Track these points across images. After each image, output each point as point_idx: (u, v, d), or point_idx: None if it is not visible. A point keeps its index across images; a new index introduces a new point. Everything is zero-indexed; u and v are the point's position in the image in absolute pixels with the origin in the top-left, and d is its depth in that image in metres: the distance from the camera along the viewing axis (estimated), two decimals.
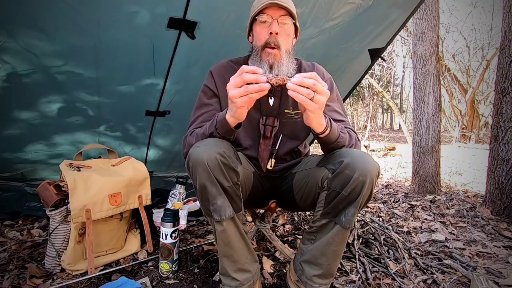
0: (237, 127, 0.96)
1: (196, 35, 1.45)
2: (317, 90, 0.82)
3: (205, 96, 1.17)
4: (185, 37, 1.46)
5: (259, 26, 1.08)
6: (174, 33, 1.44)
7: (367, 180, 0.90)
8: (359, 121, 16.49)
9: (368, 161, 0.92)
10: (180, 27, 1.40)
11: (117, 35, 1.39)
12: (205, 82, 1.20)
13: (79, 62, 1.46)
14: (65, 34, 1.32)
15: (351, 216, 0.94)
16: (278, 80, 0.83)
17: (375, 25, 1.93)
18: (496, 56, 7.30)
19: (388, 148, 8.10)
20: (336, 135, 0.99)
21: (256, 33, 1.10)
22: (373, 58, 2.20)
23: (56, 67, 1.45)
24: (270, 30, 1.04)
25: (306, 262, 1.05)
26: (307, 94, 0.81)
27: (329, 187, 0.97)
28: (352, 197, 0.92)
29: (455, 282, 1.33)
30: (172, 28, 1.40)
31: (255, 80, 0.81)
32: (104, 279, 1.22)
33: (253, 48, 1.14)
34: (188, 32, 1.42)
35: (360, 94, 15.74)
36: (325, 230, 1.01)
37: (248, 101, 0.84)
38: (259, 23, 1.07)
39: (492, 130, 2.40)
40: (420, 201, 2.71)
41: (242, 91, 0.82)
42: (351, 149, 1.01)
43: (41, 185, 1.26)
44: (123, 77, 1.63)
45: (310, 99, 0.82)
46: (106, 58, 1.47)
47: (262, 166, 1.19)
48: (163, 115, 1.90)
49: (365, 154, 0.96)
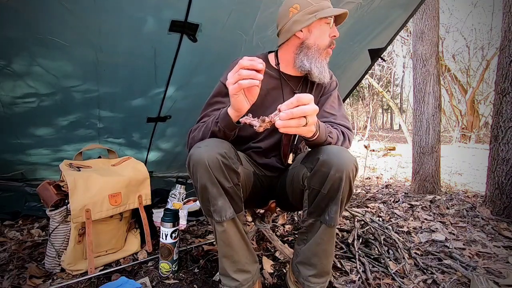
0: (238, 123, 0.95)
1: (198, 38, 1.45)
2: (307, 114, 0.77)
3: (219, 94, 1.14)
4: (186, 41, 1.45)
5: (325, 26, 1.11)
6: (175, 37, 1.43)
7: (344, 176, 0.89)
8: (359, 121, 16.49)
9: (344, 156, 0.91)
10: (182, 30, 1.40)
11: (118, 42, 1.38)
12: (222, 78, 1.16)
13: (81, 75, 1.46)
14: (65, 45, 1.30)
15: (334, 213, 0.94)
16: (266, 124, 0.80)
17: (375, 25, 1.93)
18: (496, 56, 7.30)
19: (388, 148, 8.11)
20: (323, 139, 0.97)
21: (321, 33, 1.11)
22: (373, 58, 2.21)
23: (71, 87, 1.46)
24: (334, 33, 1.12)
25: (301, 263, 1.06)
26: (299, 124, 0.77)
27: (309, 185, 0.97)
28: (332, 195, 0.92)
29: (455, 282, 1.33)
30: (173, 32, 1.39)
31: (252, 66, 0.79)
32: (104, 279, 1.22)
33: (302, 43, 1.12)
34: (190, 35, 1.42)
35: (360, 94, 15.74)
36: (313, 230, 1.01)
37: (237, 87, 0.82)
38: (325, 24, 1.10)
39: (492, 130, 2.40)
40: (420, 201, 2.71)
41: (236, 76, 0.81)
42: (328, 146, 0.99)
43: (41, 185, 1.26)
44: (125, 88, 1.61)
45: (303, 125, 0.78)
46: (107, 69, 1.46)
47: (284, 161, 1.21)
48: (164, 120, 1.89)
49: (341, 149, 0.95)
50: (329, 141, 0.99)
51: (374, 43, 2.07)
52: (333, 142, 1.02)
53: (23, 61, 1.31)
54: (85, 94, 1.55)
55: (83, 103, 1.59)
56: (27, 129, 1.61)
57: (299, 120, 0.76)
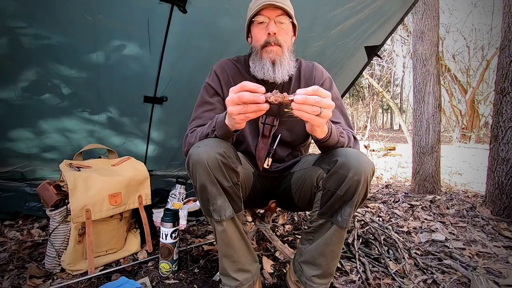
0: (236, 131, 0.95)
1: (188, 9, 1.46)
2: (322, 106, 0.77)
3: (207, 94, 1.17)
4: (177, 12, 1.46)
5: (257, 27, 1.08)
6: (167, 7, 1.44)
7: (362, 179, 0.90)
8: (359, 121, 16.48)
9: (363, 160, 0.92)
10: (172, 1, 1.41)
11: (113, 8, 1.39)
12: (207, 80, 1.19)
13: (72, 32, 1.44)
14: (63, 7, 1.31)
15: (347, 215, 0.94)
16: (278, 97, 0.79)
17: (372, 22, 1.92)
18: (496, 56, 7.30)
19: (388, 148, 8.10)
20: (336, 140, 0.97)
21: (254, 35, 1.10)
22: (370, 56, 2.21)
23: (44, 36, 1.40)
24: (268, 31, 1.05)
25: (305, 262, 1.05)
26: (313, 112, 0.77)
27: (324, 187, 0.97)
28: (348, 197, 0.92)
29: (455, 282, 1.33)
30: (164, 1, 1.40)
31: (253, 100, 0.77)
32: (104, 279, 1.22)
33: (252, 49, 1.14)
34: (180, 6, 1.43)
35: (360, 94, 15.74)
36: (322, 230, 1.01)
37: (246, 119, 0.82)
38: (257, 24, 1.08)
39: (492, 130, 2.40)
40: (420, 201, 2.71)
41: (240, 109, 0.79)
42: (345, 148, 1.00)
43: (41, 185, 1.26)
44: (118, 56, 1.59)
45: (317, 115, 0.78)
46: (105, 33, 1.46)
47: (259, 165, 1.19)
48: (160, 102, 1.85)
49: (359, 153, 0.96)
50: (342, 141, 0.99)
51: (370, 40, 2.07)
52: (345, 143, 1.01)
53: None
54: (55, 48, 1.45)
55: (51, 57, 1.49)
56: None
57: (312, 107, 0.77)
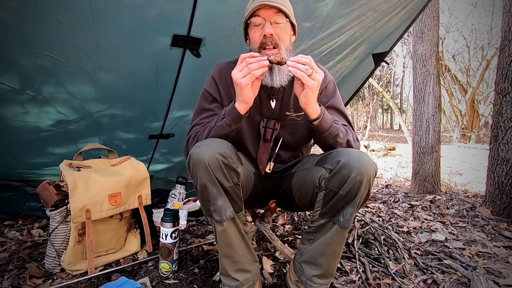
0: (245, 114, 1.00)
1: (201, 53, 1.37)
2: (314, 68, 0.91)
3: (205, 101, 1.15)
4: (189, 56, 1.38)
5: (253, 29, 1.07)
6: (178, 52, 1.36)
7: (364, 180, 0.90)
8: (359, 121, 16.48)
9: (365, 161, 0.92)
10: (185, 45, 1.33)
11: (117, 59, 1.31)
12: (205, 86, 1.18)
13: (80, 91, 1.41)
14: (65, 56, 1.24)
15: (349, 215, 0.94)
16: (277, 57, 0.92)
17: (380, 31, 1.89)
18: (496, 56, 7.30)
19: (388, 148, 8.11)
20: (329, 124, 1.02)
21: (251, 37, 1.09)
22: (377, 62, 2.19)
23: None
24: (263, 32, 1.03)
25: (306, 262, 1.05)
26: (306, 69, 0.90)
27: (327, 186, 0.97)
28: (350, 197, 0.92)
29: (455, 282, 1.33)
30: (176, 47, 1.32)
31: (257, 60, 0.91)
32: (104, 279, 1.22)
33: (251, 51, 1.13)
34: (193, 49, 1.35)
35: (360, 94, 15.73)
36: (323, 230, 1.01)
37: (251, 77, 0.91)
38: (253, 26, 1.07)
39: (492, 130, 2.40)
40: (420, 201, 2.71)
41: (245, 70, 0.90)
42: (348, 149, 1.02)
43: (41, 185, 1.26)
44: (126, 104, 1.57)
45: (308, 76, 0.90)
46: (107, 86, 1.41)
47: (260, 169, 1.18)
48: (166, 137, 1.83)
49: (362, 153, 0.96)
50: (336, 128, 1.03)
51: (378, 48, 2.05)
52: (340, 133, 1.04)
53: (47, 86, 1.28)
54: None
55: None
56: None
57: (305, 66, 0.90)
